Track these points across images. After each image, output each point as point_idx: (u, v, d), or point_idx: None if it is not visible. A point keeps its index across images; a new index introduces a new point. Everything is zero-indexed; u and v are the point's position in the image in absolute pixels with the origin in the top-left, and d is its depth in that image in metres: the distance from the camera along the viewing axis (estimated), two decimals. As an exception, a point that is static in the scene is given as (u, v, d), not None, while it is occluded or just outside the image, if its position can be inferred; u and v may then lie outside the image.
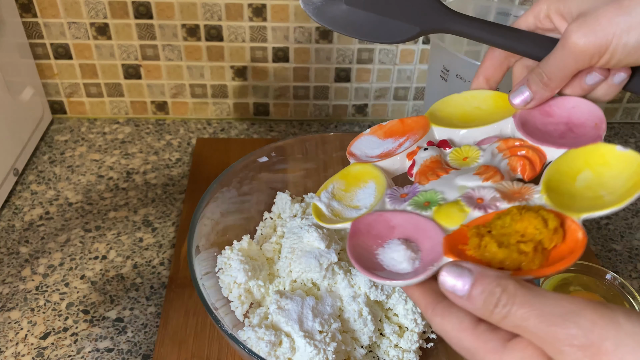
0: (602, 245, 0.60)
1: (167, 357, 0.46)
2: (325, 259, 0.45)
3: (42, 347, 0.48)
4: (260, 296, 0.46)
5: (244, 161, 0.51)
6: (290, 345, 0.41)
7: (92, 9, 0.66)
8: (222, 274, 0.46)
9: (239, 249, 0.47)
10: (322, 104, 0.75)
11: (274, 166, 0.54)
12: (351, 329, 0.44)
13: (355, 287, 0.45)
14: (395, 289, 0.45)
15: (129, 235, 0.58)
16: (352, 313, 0.44)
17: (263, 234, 0.53)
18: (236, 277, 0.45)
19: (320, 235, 0.46)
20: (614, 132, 0.78)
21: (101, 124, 0.74)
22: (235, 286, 0.45)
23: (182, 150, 0.70)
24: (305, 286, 0.46)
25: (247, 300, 0.45)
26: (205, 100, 0.74)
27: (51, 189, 0.63)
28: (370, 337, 0.43)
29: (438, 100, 0.40)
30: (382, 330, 0.45)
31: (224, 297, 0.45)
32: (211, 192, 0.47)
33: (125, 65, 0.71)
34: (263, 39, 0.69)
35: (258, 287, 0.46)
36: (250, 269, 0.45)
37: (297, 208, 0.53)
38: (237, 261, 0.45)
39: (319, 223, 0.34)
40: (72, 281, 0.53)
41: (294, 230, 0.48)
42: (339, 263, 0.46)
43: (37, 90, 0.69)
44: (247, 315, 0.45)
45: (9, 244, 0.57)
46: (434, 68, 0.56)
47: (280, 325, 0.42)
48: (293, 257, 0.46)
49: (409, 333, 0.45)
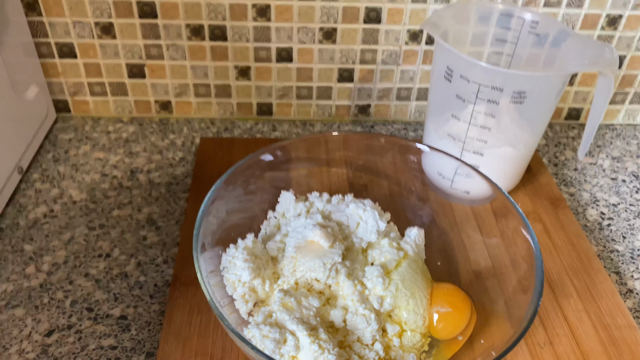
0: (604, 246, 0.60)
1: (170, 355, 0.46)
2: (328, 258, 0.45)
3: (47, 345, 0.48)
4: (265, 295, 0.46)
5: (249, 160, 0.51)
6: (295, 344, 0.41)
7: (97, 8, 0.66)
8: (226, 272, 0.46)
9: (243, 247, 0.47)
10: (325, 104, 0.76)
11: (278, 165, 0.54)
12: (354, 328, 0.44)
13: (358, 286, 0.45)
14: (398, 289, 0.45)
15: (132, 234, 0.58)
16: (355, 312, 0.44)
17: (267, 232, 0.53)
18: (241, 275, 0.45)
19: (324, 234, 0.47)
20: (616, 133, 0.78)
21: (105, 122, 0.74)
22: (240, 285, 0.45)
23: (186, 150, 0.70)
24: (309, 285, 0.46)
25: (252, 299, 0.45)
26: (209, 99, 0.75)
27: (55, 187, 0.63)
28: (373, 336, 0.43)
29: None
30: (384, 329, 0.45)
31: (229, 295, 0.45)
32: (217, 190, 0.47)
33: (130, 64, 0.71)
34: (267, 39, 0.69)
35: (262, 286, 0.46)
36: (255, 267, 0.45)
37: (301, 207, 0.53)
38: (241, 260, 0.45)
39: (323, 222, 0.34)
40: (76, 279, 0.53)
41: (298, 229, 0.49)
42: (343, 263, 0.46)
43: (41, 89, 0.69)
44: (251, 313, 0.45)
45: (13, 241, 0.57)
46: (438, 68, 0.56)
47: (285, 323, 0.42)
48: (297, 256, 0.46)
49: (411, 333, 0.45)
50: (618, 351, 0.48)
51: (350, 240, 0.50)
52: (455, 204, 0.56)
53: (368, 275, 0.46)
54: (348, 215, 0.51)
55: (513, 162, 0.59)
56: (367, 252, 0.49)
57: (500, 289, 0.47)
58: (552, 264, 0.56)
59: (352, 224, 0.51)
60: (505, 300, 0.45)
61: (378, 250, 0.49)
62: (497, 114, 0.53)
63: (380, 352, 0.43)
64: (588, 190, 0.68)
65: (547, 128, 0.78)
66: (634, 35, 0.71)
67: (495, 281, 0.47)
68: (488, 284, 0.48)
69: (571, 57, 0.55)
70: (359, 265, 0.47)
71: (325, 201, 0.54)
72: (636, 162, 0.73)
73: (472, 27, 0.61)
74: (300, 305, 0.43)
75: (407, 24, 0.69)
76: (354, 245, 0.49)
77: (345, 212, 0.51)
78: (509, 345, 0.38)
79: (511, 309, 0.44)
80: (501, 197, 0.48)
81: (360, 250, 0.49)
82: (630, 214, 0.65)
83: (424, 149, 0.54)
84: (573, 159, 0.73)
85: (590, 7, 0.68)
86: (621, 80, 0.75)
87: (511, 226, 0.47)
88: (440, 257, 0.53)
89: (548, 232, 0.59)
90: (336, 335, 0.44)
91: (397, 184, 0.57)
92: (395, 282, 0.45)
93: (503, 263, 0.47)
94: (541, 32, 0.58)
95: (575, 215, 0.64)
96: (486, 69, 0.51)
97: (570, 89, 0.76)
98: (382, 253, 0.48)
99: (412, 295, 0.45)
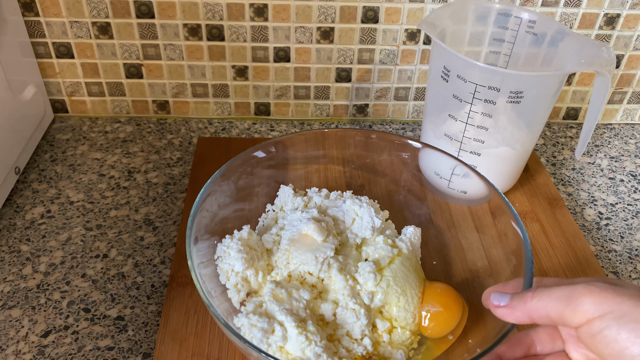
0: (601, 246, 0.60)
1: (167, 355, 0.46)
2: (321, 252, 0.46)
3: (43, 345, 0.48)
4: (257, 285, 0.47)
5: (246, 154, 0.51)
6: (283, 334, 0.42)
7: (94, 8, 0.66)
8: (220, 261, 0.47)
9: (238, 238, 0.48)
10: (323, 104, 0.76)
11: (277, 160, 0.55)
12: (344, 322, 0.44)
13: (350, 281, 0.46)
14: (389, 285, 0.45)
15: (130, 234, 0.58)
16: (345, 306, 0.44)
17: (264, 225, 0.53)
18: (234, 265, 0.46)
19: (318, 228, 0.47)
20: (614, 133, 0.78)
21: (103, 123, 0.74)
22: (233, 274, 0.46)
23: (184, 150, 0.70)
24: (302, 278, 0.47)
25: (244, 289, 0.46)
26: (207, 99, 0.74)
27: (52, 188, 0.63)
28: (362, 331, 0.44)
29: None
30: (375, 325, 0.45)
31: (222, 284, 0.46)
32: (213, 183, 0.48)
33: (127, 64, 0.71)
34: (264, 38, 0.69)
35: (255, 276, 0.46)
36: (249, 258, 0.46)
37: (299, 201, 0.53)
38: (235, 250, 0.46)
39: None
40: (73, 279, 0.53)
41: (293, 222, 0.49)
42: (336, 257, 0.47)
43: (39, 89, 0.69)
44: (243, 303, 0.46)
45: (10, 242, 0.57)
46: (435, 68, 0.56)
47: (274, 314, 0.43)
48: (290, 249, 0.47)
49: (401, 330, 0.45)
50: (615, 351, 0.48)
51: (344, 235, 0.50)
52: (452, 204, 0.56)
53: (360, 270, 0.46)
54: (344, 210, 0.52)
55: (510, 162, 0.59)
56: (361, 248, 0.50)
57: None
58: (549, 264, 0.56)
59: (347, 220, 0.51)
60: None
61: (373, 247, 0.49)
62: (495, 114, 0.53)
63: (368, 347, 0.44)
64: (586, 189, 0.68)
65: (545, 127, 0.78)
66: (632, 35, 0.71)
67: (492, 281, 0.47)
68: (485, 284, 0.48)
69: (568, 56, 0.55)
70: (352, 261, 0.48)
71: (323, 196, 0.54)
72: (634, 161, 0.73)
73: (469, 26, 0.61)
74: (291, 297, 0.44)
75: (404, 24, 0.69)
76: (348, 240, 0.50)
77: (341, 207, 0.52)
78: (502, 334, 0.38)
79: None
80: (495, 194, 0.48)
81: (355, 245, 0.50)
82: (628, 213, 0.64)
83: (421, 147, 0.54)
84: (571, 158, 0.73)
85: (588, 6, 0.68)
86: (619, 79, 0.75)
87: (503, 221, 0.47)
88: (437, 256, 0.53)
89: (545, 231, 0.59)
90: (326, 329, 0.44)
91: (394, 183, 0.57)
92: (387, 278, 0.46)
93: (499, 263, 0.47)
94: (539, 31, 0.58)
95: (573, 214, 0.64)
96: (483, 69, 0.51)
97: (568, 89, 0.76)
98: (377, 249, 0.49)
99: (403, 292, 0.46)
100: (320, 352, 0.41)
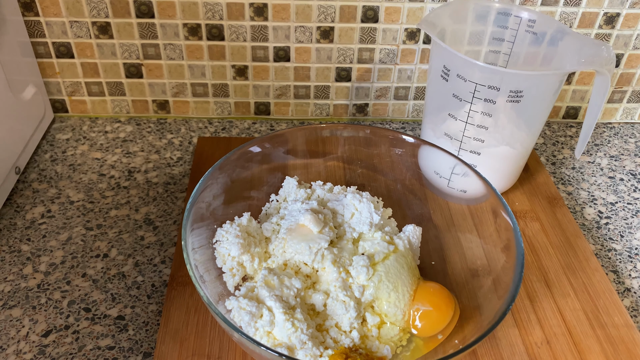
0: (601, 245, 0.60)
1: (168, 355, 0.46)
2: (315, 243, 0.47)
3: (44, 345, 0.48)
4: (253, 271, 0.48)
5: (243, 148, 0.53)
6: (270, 319, 0.42)
7: (94, 8, 0.66)
8: (218, 245, 0.48)
9: (238, 223, 0.49)
10: (322, 104, 0.76)
11: (281, 153, 0.56)
12: (333, 313, 0.45)
13: (343, 273, 0.46)
14: (381, 280, 0.46)
15: (130, 234, 0.58)
16: (335, 297, 0.45)
17: (267, 214, 0.54)
18: (230, 249, 0.47)
19: (314, 219, 0.48)
20: (614, 132, 0.78)
21: (103, 122, 0.74)
22: (229, 258, 0.47)
23: (184, 149, 0.70)
24: (297, 267, 0.47)
25: (239, 273, 0.47)
26: (207, 99, 0.74)
27: (53, 187, 0.63)
28: (351, 324, 0.44)
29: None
30: (365, 319, 0.45)
31: (218, 267, 0.47)
32: (211, 173, 0.49)
33: (127, 64, 0.71)
34: (264, 38, 0.69)
35: (251, 262, 0.47)
36: (245, 244, 0.47)
37: (302, 193, 0.54)
38: (233, 235, 0.47)
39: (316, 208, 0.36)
40: (73, 279, 0.53)
41: (293, 213, 0.50)
42: (330, 249, 0.47)
43: (38, 89, 0.69)
44: (238, 287, 0.47)
45: (10, 242, 0.57)
46: (435, 68, 0.56)
47: (264, 299, 0.44)
48: (287, 238, 0.48)
49: (390, 326, 0.46)
50: (615, 350, 0.48)
51: (342, 228, 0.51)
52: (452, 203, 0.56)
53: (354, 264, 0.47)
54: (344, 204, 0.52)
55: (510, 161, 0.59)
56: (358, 242, 0.50)
57: (495, 289, 0.47)
58: (549, 263, 0.56)
59: (347, 214, 0.52)
60: (499, 298, 0.46)
61: (370, 242, 0.49)
62: (494, 113, 0.53)
63: (355, 340, 0.44)
64: (586, 188, 0.68)
65: (545, 127, 0.78)
66: (632, 34, 0.71)
67: (490, 279, 0.47)
68: (484, 283, 0.48)
69: (568, 55, 0.55)
70: (347, 254, 0.48)
71: (326, 190, 0.55)
72: (634, 160, 0.73)
73: (469, 25, 0.61)
74: (282, 284, 0.45)
75: (404, 23, 0.69)
76: (345, 233, 0.51)
77: (342, 201, 0.53)
78: (497, 321, 0.39)
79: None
80: (491, 193, 0.48)
81: (352, 239, 0.50)
82: (628, 212, 0.65)
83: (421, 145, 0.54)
84: (571, 157, 0.73)
85: (588, 5, 0.68)
86: (619, 78, 0.75)
87: (502, 220, 0.47)
88: (436, 255, 0.53)
89: (545, 230, 0.59)
90: (315, 318, 0.45)
91: (394, 181, 0.57)
92: (379, 273, 0.46)
93: (498, 261, 0.47)
94: (538, 30, 0.58)
95: (573, 214, 0.64)
96: (483, 68, 0.51)
97: (568, 88, 0.76)
98: (373, 245, 0.49)
99: (394, 288, 0.46)
100: (305, 340, 0.41)
